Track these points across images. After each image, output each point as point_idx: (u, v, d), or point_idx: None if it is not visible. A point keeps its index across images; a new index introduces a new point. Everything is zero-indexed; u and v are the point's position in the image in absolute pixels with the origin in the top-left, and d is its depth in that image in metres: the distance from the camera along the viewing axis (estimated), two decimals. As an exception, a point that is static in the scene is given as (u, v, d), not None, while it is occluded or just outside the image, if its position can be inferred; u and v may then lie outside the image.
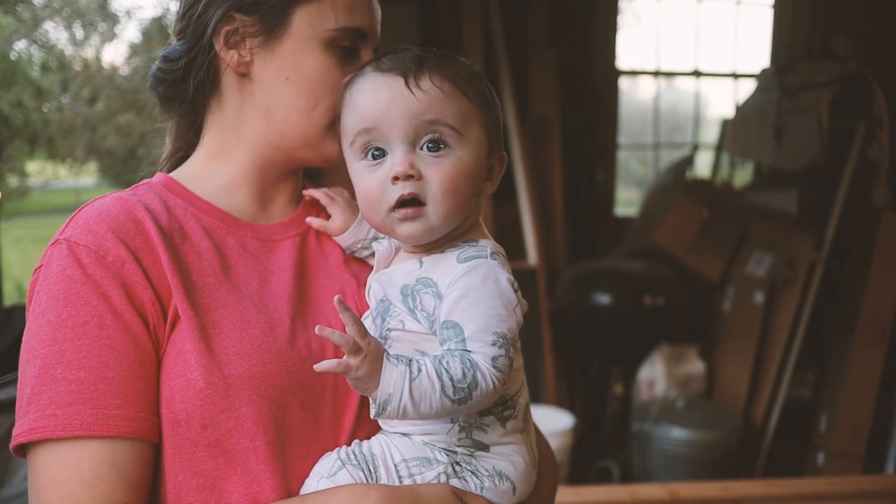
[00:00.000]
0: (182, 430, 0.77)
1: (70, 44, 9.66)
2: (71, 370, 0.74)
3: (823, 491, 2.49)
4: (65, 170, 12.15)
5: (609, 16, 4.32)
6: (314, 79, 0.86)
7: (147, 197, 0.86)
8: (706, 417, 3.02)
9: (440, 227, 0.80)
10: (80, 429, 0.73)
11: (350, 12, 0.86)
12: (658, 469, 3.01)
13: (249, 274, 0.85)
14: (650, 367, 3.27)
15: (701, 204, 3.56)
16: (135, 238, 0.80)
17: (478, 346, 0.76)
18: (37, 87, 8.51)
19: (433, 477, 0.80)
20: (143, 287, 0.78)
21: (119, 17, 9.39)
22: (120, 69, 10.30)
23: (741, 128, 3.74)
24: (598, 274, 3.41)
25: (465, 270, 0.78)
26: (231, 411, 0.77)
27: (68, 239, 0.79)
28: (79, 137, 10.02)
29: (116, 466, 0.74)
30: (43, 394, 0.74)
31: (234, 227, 0.88)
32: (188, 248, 0.83)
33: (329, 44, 0.86)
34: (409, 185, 0.78)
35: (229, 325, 0.80)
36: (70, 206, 13.37)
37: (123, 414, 0.75)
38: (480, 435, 0.82)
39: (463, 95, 0.80)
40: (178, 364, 0.78)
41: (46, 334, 0.76)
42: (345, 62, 0.87)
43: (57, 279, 0.77)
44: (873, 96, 3.14)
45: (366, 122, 0.79)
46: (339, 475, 0.79)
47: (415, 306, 0.80)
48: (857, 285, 3.17)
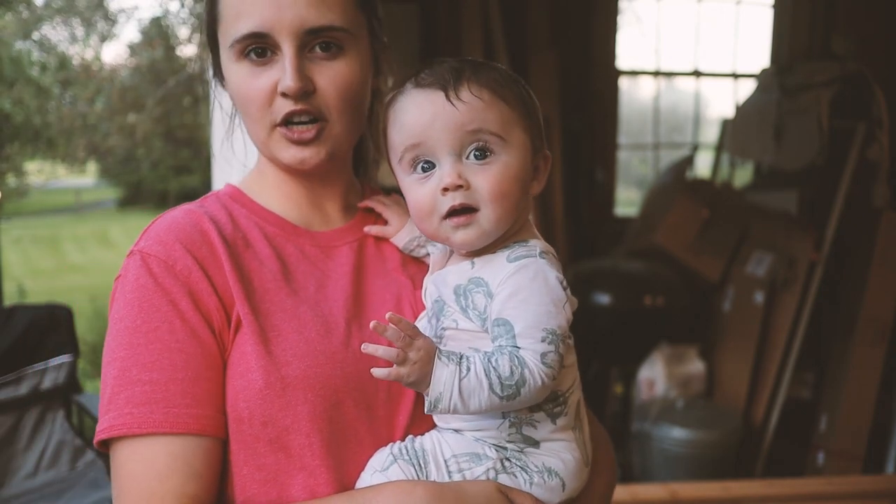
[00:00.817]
0: (245, 427, 0.82)
1: (70, 43, 9.64)
2: (145, 372, 0.81)
3: (823, 491, 2.49)
4: (65, 170, 12.13)
5: (609, 16, 4.32)
6: (239, 93, 0.90)
7: (213, 208, 0.92)
8: (706, 417, 3.02)
9: (493, 232, 0.83)
10: (154, 426, 0.79)
11: (237, 21, 0.86)
12: (658, 469, 3.01)
13: (307, 279, 0.90)
14: (650, 367, 3.27)
15: (701, 204, 3.56)
16: (201, 248, 0.86)
17: (528, 342, 0.78)
18: (37, 87, 8.51)
19: (482, 472, 0.82)
20: (209, 294, 0.84)
21: (118, 17, 9.38)
22: (120, 69, 10.29)
23: (741, 128, 3.74)
24: (598, 274, 3.41)
25: (515, 269, 0.81)
26: (288, 409, 0.82)
27: (141, 250, 0.86)
28: (79, 137, 10.00)
29: (187, 461, 0.80)
30: (121, 394, 0.81)
31: (294, 235, 0.94)
32: (250, 256, 0.89)
33: (239, 56, 0.88)
34: (459, 195, 0.81)
35: (287, 329, 0.85)
36: (70, 206, 13.34)
37: (193, 412, 0.80)
38: (530, 430, 0.84)
39: (503, 101, 0.83)
40: (240, 365, 0.83)
41: (123, 338, 0.82)
42: (261, 67, 0.87)
43: (132, 287, 0.84)
44: (873, 96, 3.14)
45: (412, 139, 0.83)
46: (391, 469, 0.82)
47: (467, 305, 0.83)
48: (857, 285, 3.17)
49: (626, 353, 3.38)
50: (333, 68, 0.88)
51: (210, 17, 0.91)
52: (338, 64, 0.88)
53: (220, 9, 0.89)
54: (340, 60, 0.88)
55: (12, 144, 8.79)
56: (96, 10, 9.49)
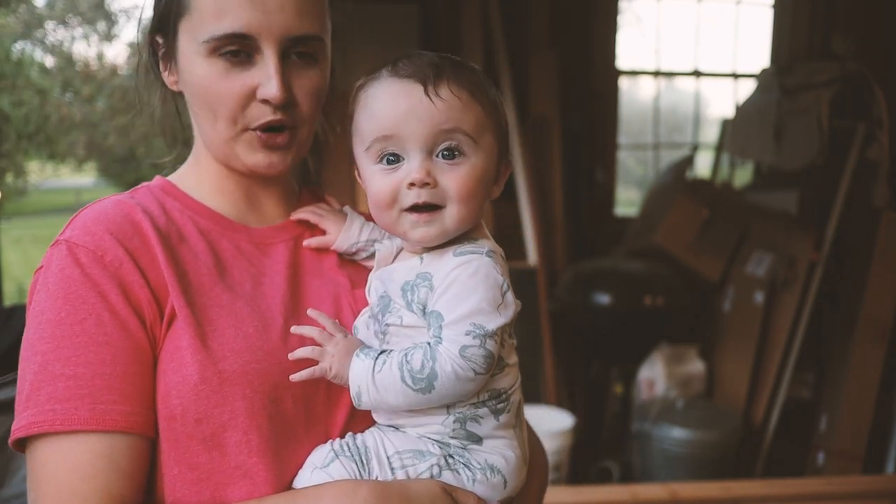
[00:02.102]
0: (177, 425, 0.79)
1: (70, 43, 9.65)
2: (69, 366, 0.76)
3: (823, 491, 2.49)
4: (65, 170, 12.14)
5: (609, 16, 4.31)
6: (206, 90, 0.86)
7: (145, 200, 0.88)
8: (706, 417, 3.02)
9: (453, 231, 0.83)
10: (78, 423, 0.75)
11: (218, 18, 0.83)
12: (658, 469, 3.01)
13: (243, 275, 0.87)
14: (650, 367, 3.27)
15: (701, 204, 3.56)
16: (132, 239, 0.82)
17: (452, 333, 0.79)
18: (37, 87, 8.51)
19: (425, 469, 0.81)
20: (140, 286, 0.80)
21: (117, 16, 9.38)
22: (120, 69, 10.29)
23: (741, 128, 3.74)
24: (598, 274, 3.41)
25: (458, 264, 0.81)
26: (225, 405, 0.79)
27: (68, 240, 0.81)
28: (80, 135, 10.01)
29: (113, 460, 0.76)
30: (42, 389, 0.76)
31: (229, 230, 0.91)
32: (185, 250, 0.85)
33: (210, 54, 0.84)
34: (426, 192, 0.81)
35: (224, 324, 0.82)
36: (70, 205, 13.43)
37: (120, 409, 0.76)
38: (474, 426, 0.84)
39: (478, 104, 0.83)
40: (173, 360, 0.79)
41: (46, 332, 0.78)
42: (236, 69, 0.84)
43: (56, 279, 0.79)
44: (873, 96, 3.14)
45: (384, 130, 0.81)
46: (331, 466, 0.81)
47: (412, 300, 0.82)
48: (857, 285, 3.17)
49: (626, 353, 3.38)
50: (309, 77, 0.87)
51: (175, 6, 0.86)
52: (312, 72, 0.88)
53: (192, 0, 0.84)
54: (314, 69, 0.88)
55: (11, 144, 8.79)
56: (97, 11, 9.49)
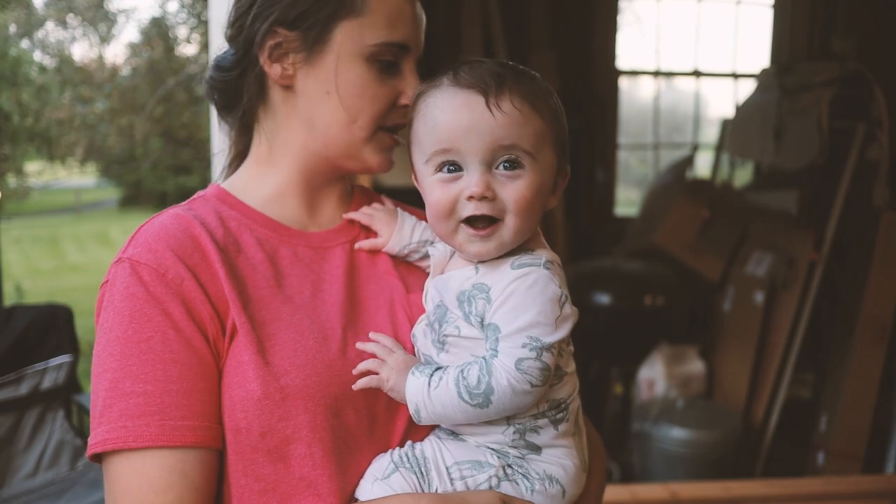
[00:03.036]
0: (243, 438, 0.81)
1: (70, 43, 9.64)
2: (138, 384, 0.78)
3: (823, 491, 2.49)
4: (65, 170, 12.12)
5: (609, 16, 4.32)
6: (354, 93, 0.88)
7: (202, 211, 0.89)
8: (706, 417, 3.02)
9: (511, 244, 0.83)
10: (150, 439, 0.77)
11: (391, 27, 0.87)
12: (658, 469, 3.01)
13: (302, 283, 0.88)
14: (650, 367, 3.27)
15: (701, 204, 3.56)
16: (192, 255, 0.83)
17: (508, 346, 0.78)
18: (36, 87, 8.50)
19: (484, 480, 0.81)
20: (202, 302, 0.82)
21: (117, 17, 9.38)
22: (120, 69, 10.28)
23: (741, 128, 3.74)
24: (598, 274, 3.41)
25: (516, 276, 0.80)
26: (288, 420, 0.80)
27: (130, 258, 0.83)
28: (80, 136, 9.99)
29: (184, 474, 0.78)
30: (114, 406, 0.78)
31: (286, 237, 0.91)
32: (243, 261, 0.87)
33: (370, 58, 0.88)
34: (485, 205, 0.80)
35: (284, 337, 0.83)
36: (70, 205, 13.33)
37: (188, 424, 0.79)
38: (533, 437, 0.83)
39: (538, 116, 0.82)
40: (237, 375, 0.81)
41: (115, 349, 0.80)
42: (385, 75, 0.89)
43: (121, 296, 0.81)
44: (873, 96, 3.14)
45: (444, 143, 0.81)
46: (392, 478, 0.81)
47: (470, 311, 0.82)
48: (857, 285, 3.17)
49: (626, 353, 3.37)
50: None
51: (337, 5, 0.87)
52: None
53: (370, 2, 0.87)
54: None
55: (12, 145, 8.79)
56: (96, 11, 9.49)
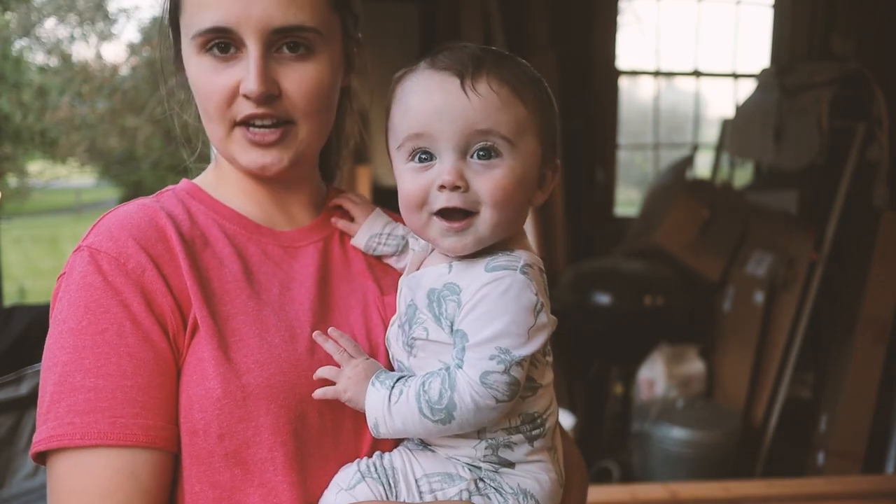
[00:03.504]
0: (199, 440, 0.76)
1: (70, 42, 9.64)
2: (89, 378, 0.74)
3: (823, 491, 2.49)
4: (65, 170, 12.13)
5: (609, 16, 4.31)
6: (197, 89, 0.84)
7: (170, 203, 0.86)
8: (706, 417, 3.02)
9: (488, 239, 0.77)
10: (98, 437, 0.73)
11: (200, 12, 0.80)
12: (658, 469, 3.01)
13: (271, 281, 0.84)
14: (650, 367, 3.27)
15: (701, 204, 3.55)
16: (156, 245, 0.79)
17: (474, 356, 0.73)
18: (37, 87, 8.50)
19: (455, 493, 0.77)
20: (164, 294, 0.77)
21: (117, 16, 9.38)
22: (120, 69, 10.29)
23: (741, 128, 3.74)
24: (598, 274, 3.40)
25: (489, 280, 0.74)
26: (249, 421, 0.76)
27: (90, 246, 0.79)
28: (81, 137, 10.00)
29: (134, 476, 0.73)
30: (62, 401, 0.74)
31: (256, 234, 0.88)
32: (209, 255, 0.83)
33: (200, 49, 0.82)
34: (456, 196, 0.75)
35: (249, 334, 0.79)
36: (70, 206, 13.37)
37: (141, 423, 0.74)
38: (506, 452, 0.79)
39: (520, 102, 0.77)
40: (196, 373, 0.77)
41: (67, 341, 0.76)
42: (225, 63, 0.81)
43: (78, 286, 0.77)
44: (873, 96, 3.14)
45: (416, 127, 0.76)
46: (357, 488, 0.77)
47: (440, 313, 0.77)
48: (857, 285, 3.17)
49: (626, 353, 3.37)
50: (301, 70, 0.82)
51: (172, 4, 0.85)
52: (306, 66, 0.82)
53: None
54: (309, 62, 0.82)
55: (13, 144, 8.78)
56: (96, 10, 9.49)
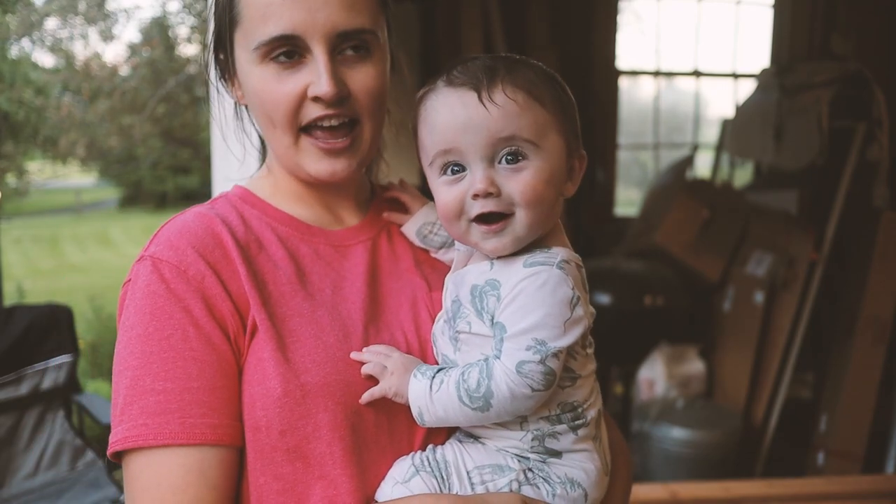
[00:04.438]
0: (262, 436, 0.80)
1: (70, 42, 9.63)
2: (158, 381, 0.79)
3: (823, 491, 2.49)
4: (65, 169, 12.12)
5: (609, 16, 4.32)
6: (261, 98, 0.87)
7: (224, 210, 0.90)
8: (706, 417, 3.02)
9: (526, 237, 0.81)
10: (169, 437, 0.77)
11: (264, 23, 0.83)
12: (658, 469, 3.01)
13: (323, 281, 0.88)
14: (650, 367, 3.27)
15: (701, 204, 3.56)
16: (213, 252, 0.84)
17: (512, 347, 0.77)
18: (36, 86, 8.50)
19: (505, 484, 0.81)
20: (223, 299, 0.82)
21: (117, 16, 9.38)
22: (119, 69, 10.28)
23: (741, 128, 3.74)
24: (598, 274, 3.40)
25: (527, 275, 0.79)
26: (308, 418, 0.80)
27: (152, 255, 0.83)
28: (81, 136, 10.00)
29: (203, 472, 0.78)
30: (134, 404, 0.79)
31: (307, 235, 0.92)
32: (264, 259, 0.87)
33: (263, 59, 0.85)
34: (490, 202, 0.79)
35: (305, 334, 0.83)
36: (70, 205, 13.34)
37: (208, 422, 0.79)
38: (552, 442, 0.83)
39: (538, 103, 0.80)
40: (257, 373, 0.81)
41: (136, 347, 0.80)
42: (288, 71, 0.85)
43: (143, 294, 0.82)
44: (873, 96, 3.14)
45: (444, 144, 0.80)
46: (412, 481, 0.81)
47: (482, 307, 0.81)
48: (857, 285, 3.17)
49: (626, 353, 3.38)
50: (364, 71, 0.87)
51: (228, 18, 0.88)
52: (368, 66, 0.87)
53: (241, 9, 0.85)
54: (369, 62, 0.87)
55: (12, 144, 8.78)
56: (97, 10, 9.48)
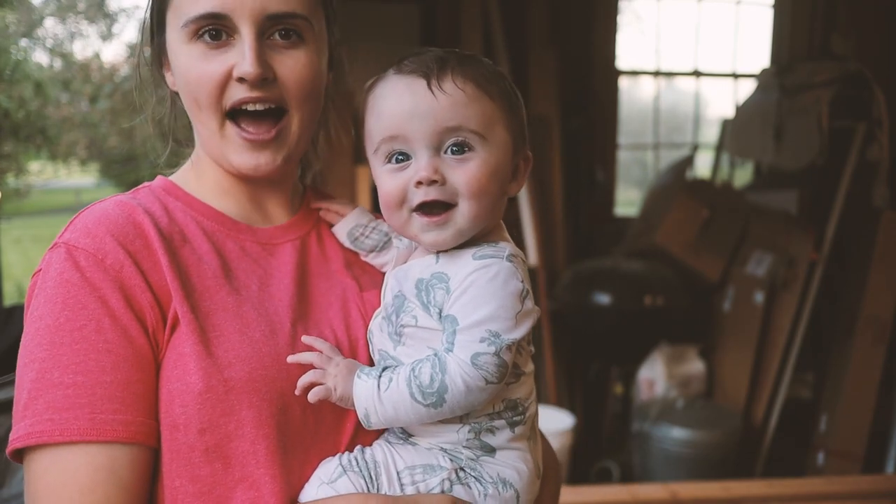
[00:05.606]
0: (180, 435, 0.76)
1: (69, 41, 9.64)
2: (68, 374, 0.73)
3: (823, 491, 2.49)
4: (65, 170, 12.15)
5: (609, 16, 4.31)
6: (187, 77, 0.84)
7: (147, 200, 0.85)
8: (706, 417, 3.02)
9: (468, 230, 0.80)
10: (77, 434, 0.72)
11: (195, 1, 0.81)
12: (658, 469, 3.01)
13: (250, 277, 0.85)
14: (650, 367, 3.27)
15: (701, 204, 3.56)
16: (134, 241, 0.79)
17: (465, 339, 0.76)
18: (36, 85, 8.50)
19: (437, 483, 0.79)
20: (142, 291, 0.77)
21: (117, 16, 9.38)
22: (119, 69, 10.29)
23: (741, 128, 3.74)
24: (598, 274, 3.40)
25: (477, 267, 0.78)
26: (231, 415, 0.76)
27: (67, 242, 0.78)
28: (81, 136, 10.00)
29: (114, 472, 0.73)
30: (40, 398, 0.73)
31: (234, 231, 0.88)
32: (188, 252, 0.82)
33: (191, 38, 0.82)
34: (434, 190, 0.78)
35: (230, 329, 0.79)
36: (70, 205, 13.40)
37: (121, 419, 0.74)
38: (489, 437, 0.81)
39: (486, 96, 0.80)
40: (177, 367, 0.77)
41: (44, 338, 0.75)
42: (217, 50, 0.82)
43: (55, 283, 0.77)
44: (873, 96, 3.14)
45: (389, 130, 0.79)
46: (339, 482, 0.78)
47: (428, 301, 0.80)
48: (857, 285, 3.17)
49: (626, 353, 3.38)
50: (293, 57, 0.84)
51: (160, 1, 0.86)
52: (298, 53, 0.84)
53: None
54: (300, 49, 0.84)
55: (11, 143, 8.78)
56: (97, 10, 9.49)
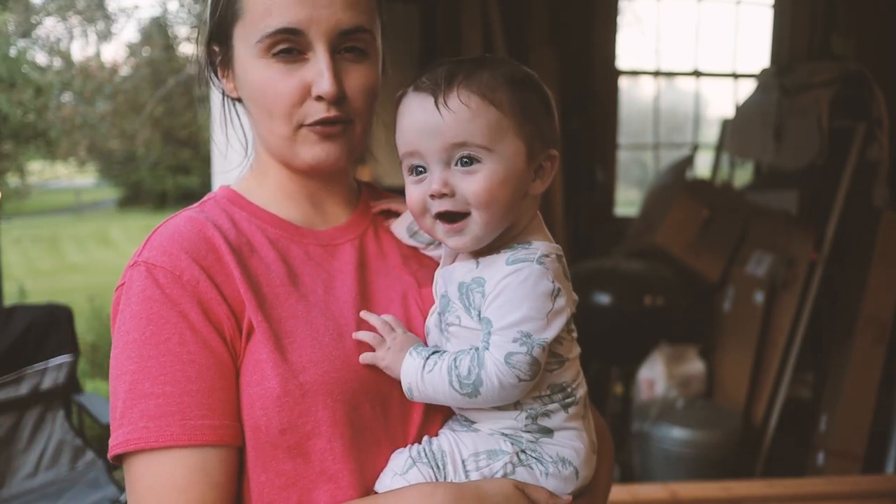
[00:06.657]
0: (262, 435, 0.83)
1: (69, 42, 9.62)
2: (157, 385, 0.80)
3: (823, 491, 2.49)
4: (65, 170, 12.12)
5: (609, 16, 4.32)
6: (261, 92, 0.88)
7: (214, 213, 0.91)
8: (706, 417, 3.02)
9: (486, 236, 0.85)
10: (171, 439, 0.79)
11: (268, 16, 0.85)
12: (658, 469, 3.01)
13: (315, 281, 0.90)
14: (650, 367, 3.27)
15: (701, 204, 3.56)
16: (207, 256, 0.85)
17: (499, 339, 0.82)
18: (36, 86, 8.50)
19: (500, 468, 0.84)
20: (218, 303, 0.83)
21: (116, 16, 9.37)
22: (119, 69, 10.27)
23: (741, 128, 3.74)
24: (598, 274, 3.41)
25: (509, 272, 0.83)
26: (308, 416, 0.82)
27: (146, 261, 0.84)
28: (81, 137, 9.99)
29: (206, 472, 0.80)
30: (134, 407, 0.80)
31: (297, 236, 0.93)
32: (256, 261, 0.88)
33: (264, 53, 0.86)
34: (445, 202, 0.83)
35: (301, 334, 0.85)
36: (70, 205, 13.29)
37: (208, 423, 0.81)
38: (545, 420, 0.87)
39: (492, 107, 0.82)
40: (255, 373, 0.83)
41: (133, 352, 0.82)
42: (291, 65, 0.86)
43: (138, 299, 0.83)
44: (873, 96, 3.14)
45: (407, 147, 0.85)
46: (410, 473, 0.84)
47: (469, 304, 0.85)
48: (857, 285, 3.17)
49: (626, 353, 3.38)
50: (360, 71, 0.88)
51: (230, 12, 0.89)
52: (363, 67, 0.89)
53: (244, 3, 0.87)
54: (364, 64, 0.89)
55: (11, 144, 8.78)
56: (96, 10, 9.48)
